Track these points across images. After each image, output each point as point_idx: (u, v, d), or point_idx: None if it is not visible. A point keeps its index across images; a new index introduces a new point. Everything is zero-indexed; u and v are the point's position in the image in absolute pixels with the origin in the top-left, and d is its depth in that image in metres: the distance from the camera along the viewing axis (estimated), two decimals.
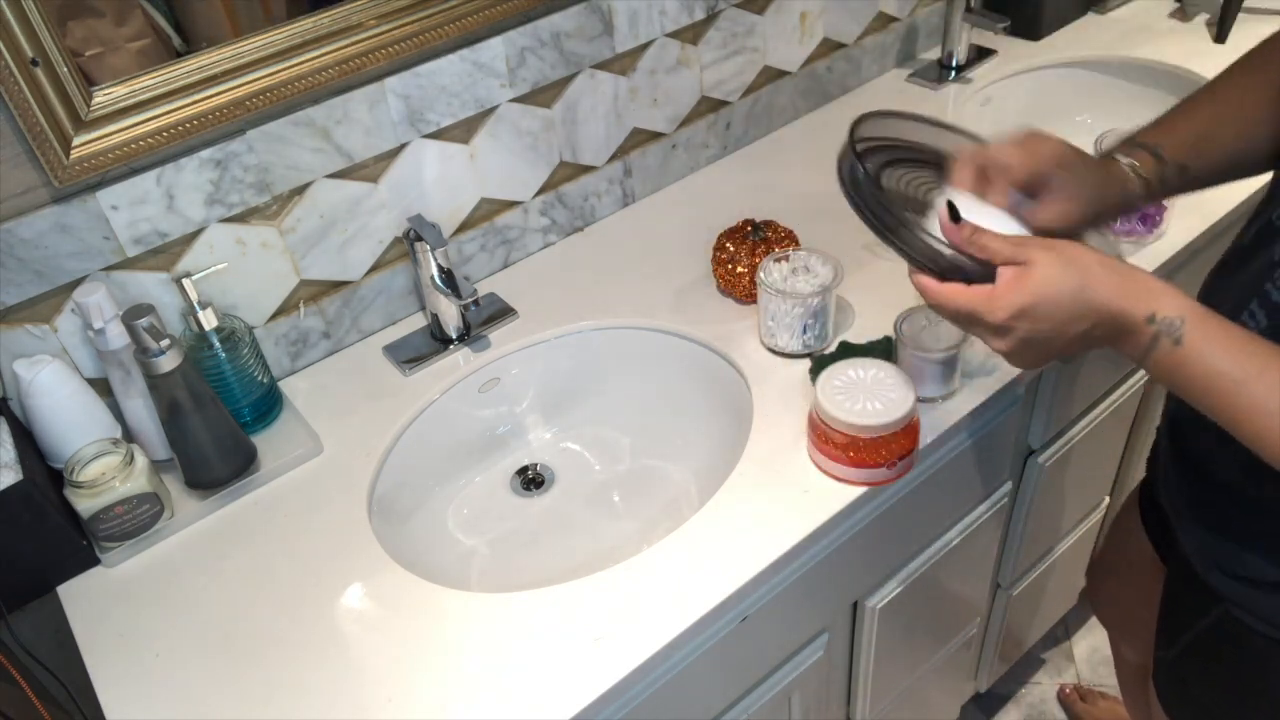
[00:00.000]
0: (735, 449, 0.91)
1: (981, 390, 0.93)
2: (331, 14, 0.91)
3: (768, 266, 0.98)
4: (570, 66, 1.10)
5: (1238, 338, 0.61)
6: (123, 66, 0.83)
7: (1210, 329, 0.61)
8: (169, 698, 0.76)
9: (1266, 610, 0.77)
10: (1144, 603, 1.05)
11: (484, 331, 1.07)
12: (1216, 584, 0.81)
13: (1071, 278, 0.64)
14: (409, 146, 1.02)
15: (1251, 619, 0.79)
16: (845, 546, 0.90)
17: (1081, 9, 1.55)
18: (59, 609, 0.84)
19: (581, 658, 0.75)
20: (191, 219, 0.91)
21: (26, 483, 0.79)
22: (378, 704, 0.74)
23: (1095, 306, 0.64)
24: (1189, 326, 0.61)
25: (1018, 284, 0.64)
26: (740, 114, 1.32)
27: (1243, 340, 0.61)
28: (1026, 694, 1.66)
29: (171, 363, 0.83)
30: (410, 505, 0.98)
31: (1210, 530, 0.81)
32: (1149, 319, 0.62)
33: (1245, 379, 0.60)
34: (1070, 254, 0.64)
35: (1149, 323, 0.62)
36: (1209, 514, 0.80)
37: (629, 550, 0.86)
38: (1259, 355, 0.60)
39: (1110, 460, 1.41)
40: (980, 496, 1.10)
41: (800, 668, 0.99)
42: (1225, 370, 0.60)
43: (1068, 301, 0.64)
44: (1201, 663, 0.88)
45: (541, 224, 1.18)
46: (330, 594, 0.83)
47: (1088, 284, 0.63)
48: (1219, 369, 0.60)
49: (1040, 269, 0.64)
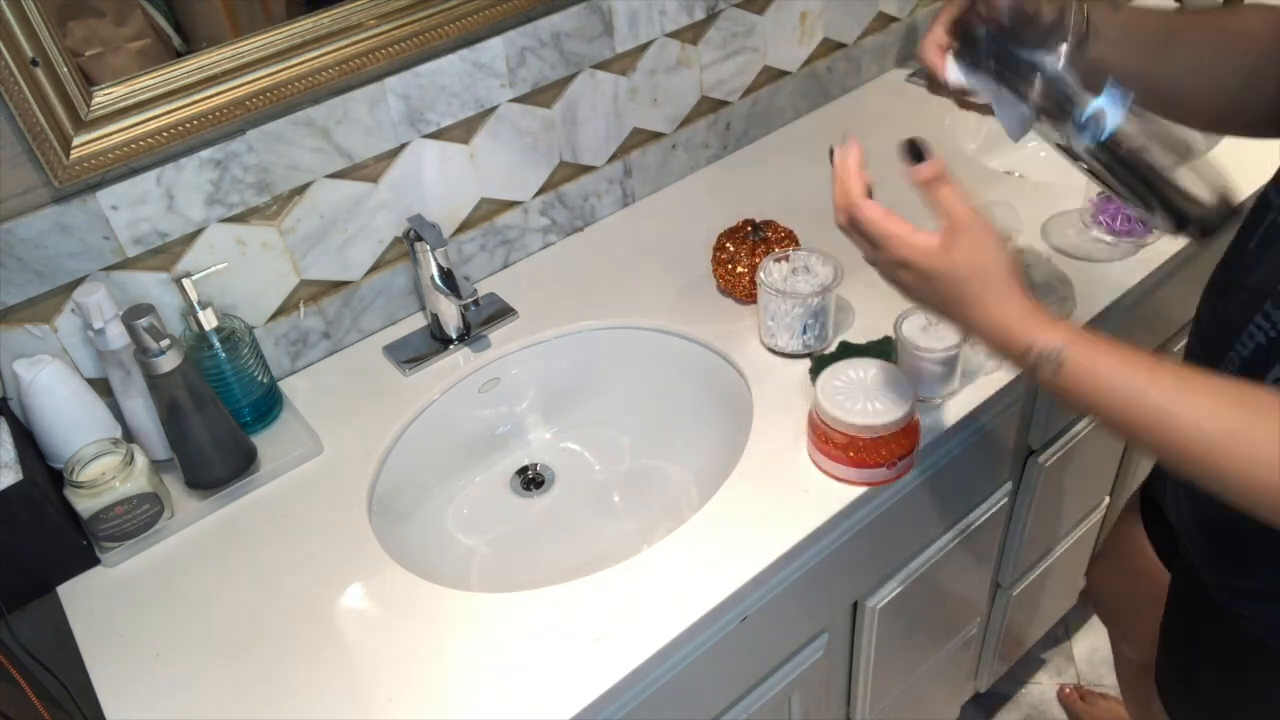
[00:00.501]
0: (735, 449, 0.91)
1: (981, 390, 0.93)
2: (331, 14, 0.91)
3: (768, 266, 0.98)
4: (570, 66, 1.10)
5: (1122, 354, 0.62)
6: (123, 66, 0.83)
7: (1093, 351, 0.62)
8: (169, 698, 0.76)
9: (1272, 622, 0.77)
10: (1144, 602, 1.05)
11: (484, 331, 1.07)
12: (1225, 598, 0.81)
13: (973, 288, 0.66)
14: (409, 146, 1.02)
15: (1259, 630, 0.79)
16: (845, 546, 0.90)
17: None
18: (59, 609, 0.84)
19: (581, 658, 0.75)
20: (191, 219, 0.91)
21: (26, 483, 0.79)
22: (378, 704, 0.74)
23: (976, 322, 0.67)
24: (1069, 353, 0.62)
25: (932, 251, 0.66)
26: (740, 114, 1.32)
27: (1127, 355, 0.62)
28: (1026, 694, 1.66)
29: (171, 363, 0.83)
30: (410, 505, 0.98)
31: (1219, 545, 0.80)
32: (1025, 351, 0.64)
33: (1138, 389, 0.60)
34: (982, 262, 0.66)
35: (1026, 353, 0.64)
36: (1218, 529, 0.80)
37: (629, 550, 0.86)
38: (1143, 366, 0.61)
39: (1110, 460, 1.41)
40: (980, 496, 1.10)
41: (800, 668, 0.99)
42: (1116, 387, 0.61)
43: (953, 298, 0.67)
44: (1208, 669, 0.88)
45: (541, 224, 1.18)
46: (330, 594, 0.82)
47: (983, 302, 0.66)
48: (1109, 387, 0.61)
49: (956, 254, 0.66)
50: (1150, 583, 1.03)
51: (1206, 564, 0.83)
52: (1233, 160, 1.06)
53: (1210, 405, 0.58)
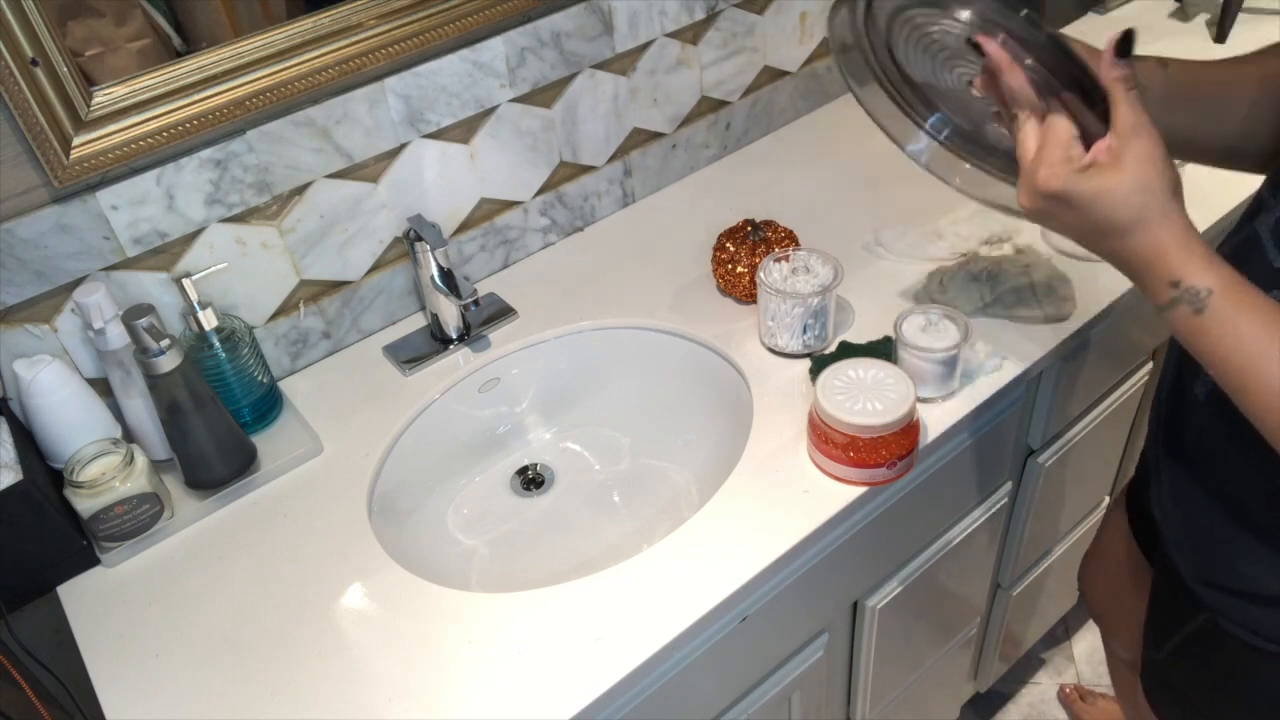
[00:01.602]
0: (735, 449, 0.91)
1: (981, 390, 0.93)
2: (331, 14, 0.91)
3: (768, 266, 0.98)
4: (570, 66, 1.10)
5: (1266, 313, 0.59)
6: (123, 66, 0.83)
7: (1238, 302, 0.59)
8: (169, 697, 0.76)
9: (1253, 621, 0.77)
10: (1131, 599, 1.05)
11: (484, 331, 1.07)
12: (1204, 595, 0.81)
13: (1137, 202, 0.61)
14: (409, 146, 1.02)
15: (1238, 629, 0.79)
16: (845, 546, 0.90)
17: (1081, 9, 1.55)
18: (59, 609, 0.84)
19: (581, 658, 0.75)
20: (191, 219, 0.91)
21: (26, 483, 0.79)
22: (378, 704, 0.74)
23: (1135, 243, 0.62)
24: (1215, 298, 0.59)
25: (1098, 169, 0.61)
26: (740, 114, 1.32)
27: (1271, 316, 0.59)
28: (1026, 694, 1.66)
29: (171, 363, 0.83)
30: (410, 505, 0.98)
31: (1199, 543, 0.81)
32: (1173, 283, 0.61)
33: (1263, 357, 0.58)
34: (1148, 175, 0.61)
35: (1172, 286, 0.61)
36: (1199, 527, 0.80)
37: (629, 550, 0.86)
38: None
39: (1110, 460, 1.41)
40: (980, 496, 1.10)
41: (800, 668, 0.99)
42: (1245, 346, 0.59)
43: (1120, 221, 0.61)
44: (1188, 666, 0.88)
45: (541, 224, 1.18)
46: (330, 594, 0.83)
47: (1145, 222, 0.61)
48: (1237, 346, 0.59)
49: (1128, 169, 0.61)
50: (1136, 580, 1.04)
51: (1185, 558, 0.83)
52: None
53: None
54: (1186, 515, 0.82)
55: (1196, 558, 0.81)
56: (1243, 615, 0.78)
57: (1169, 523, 0.85)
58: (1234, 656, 0.81)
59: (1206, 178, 0.85)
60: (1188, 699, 0.90)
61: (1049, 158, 0.63)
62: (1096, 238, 0.64)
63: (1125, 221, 0.61)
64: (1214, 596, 0.80)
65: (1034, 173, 0.64)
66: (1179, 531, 0.83)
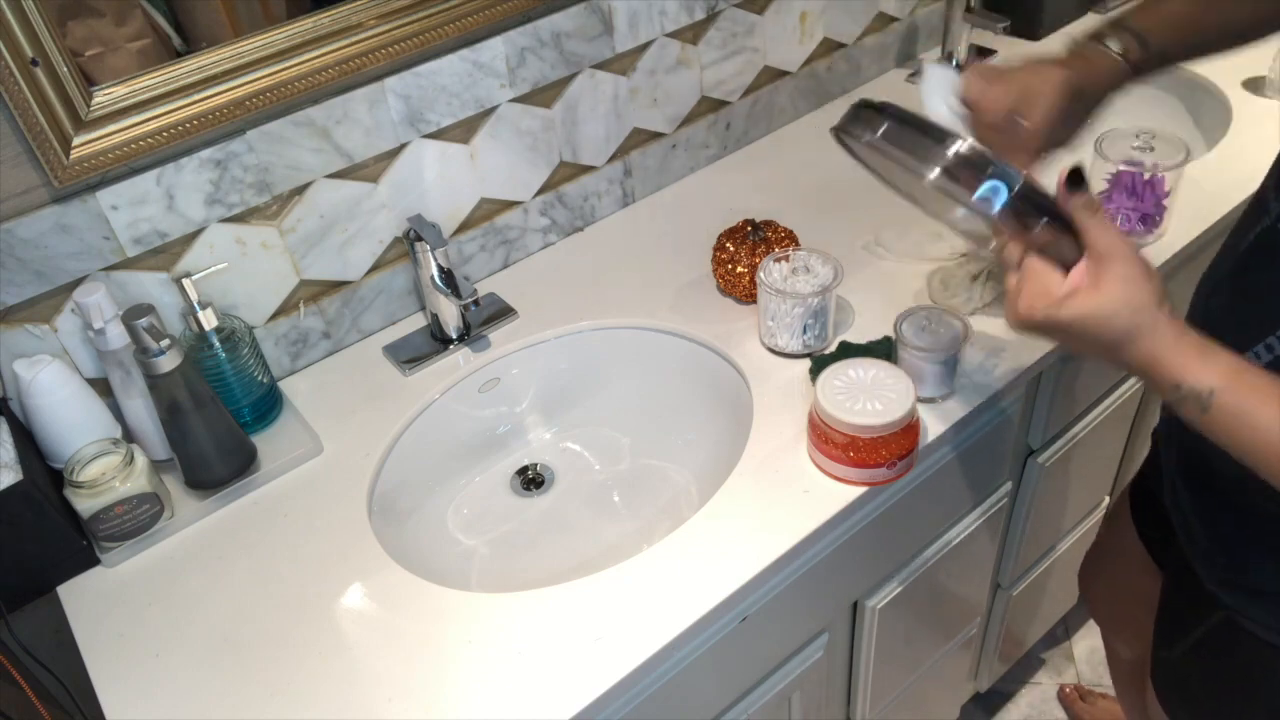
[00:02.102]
0: (735, 449, 0.91)
1: (981, 390, 0.93)
2: (331, 14, 0.91)
3: (768, 266, 0.98)
4: (570, 66, 1.10)
5: (1274, 398, 0.59)
6: (123, 66, 0.83)
7: (1243, 394, 0.60)
8: (169, 698, 0.76)
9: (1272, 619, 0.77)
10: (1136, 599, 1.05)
11: (484, 331, 1.07)
12: (1221, 594, 0.81)
13: (1122, 322, 0.63)
14: (409, 146, 1.02)
15: (1255, 626, 0.79)
16: (845, 546, 0.90)
17: (1082, 9, 1.55)
18: (59, 609, 0.84)
19: (581, 658, 0.75)
20: (191, 219, 0.91)
21: (26, 483, 0.79)
22: (378, 704, 0.74)
23: (1130, 356, 0.64)
24: (1219, 396, 0.60)
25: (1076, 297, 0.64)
26: (740, 114, 1.32)
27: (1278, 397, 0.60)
28: (1026, 694, 1.66)
29: (171, 363, 0.83)
30: (410, 505, 0.98)
31: (1217, 541, 0.81)
32: (1175, 386, 0.62)
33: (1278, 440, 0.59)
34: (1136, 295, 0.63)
35: (1175, 389, 0.62)
36: (1216, 526, 0.80)
37: (629, 550, 0.86)
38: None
39: (1110, 460, 1.41)
40: (980, 496, 1.10)
41: (800, 668, 0.99)
42: (1259, 435, 0.59)
43: (1108, 339, 0.64)
44: (1203, 665, 0.88)
45: (541, 224, 1.18)
46: (330, 594, 0.83)
47: (1133, 337, 0.63)
48: (1253, 435, 0.60)
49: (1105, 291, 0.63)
50: (1141, 579, 1.04)
51: (1202, 558, 0.83)
52: (1231, 160, 1.06)
53: None
54: (1200, 513, 0.82)
55: (1215, 559, 0.81)
56: (1260, 614, 0.78)
57: (1182, 519, 0.85)
58: (1252, 655, 0.81)
59: (1207, 178, 0.85)
60: (1202, 698, 0.89)
61: (1028, 290, 0.66)
62: (1095, 353, 0.66)
63: (1115, 338, 0.63)
64: (1231, 595, 0.80)
65: (1015, 306, 0.67)
66: (1197, 533, 0.83)
